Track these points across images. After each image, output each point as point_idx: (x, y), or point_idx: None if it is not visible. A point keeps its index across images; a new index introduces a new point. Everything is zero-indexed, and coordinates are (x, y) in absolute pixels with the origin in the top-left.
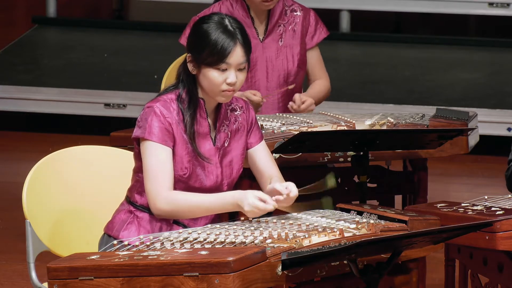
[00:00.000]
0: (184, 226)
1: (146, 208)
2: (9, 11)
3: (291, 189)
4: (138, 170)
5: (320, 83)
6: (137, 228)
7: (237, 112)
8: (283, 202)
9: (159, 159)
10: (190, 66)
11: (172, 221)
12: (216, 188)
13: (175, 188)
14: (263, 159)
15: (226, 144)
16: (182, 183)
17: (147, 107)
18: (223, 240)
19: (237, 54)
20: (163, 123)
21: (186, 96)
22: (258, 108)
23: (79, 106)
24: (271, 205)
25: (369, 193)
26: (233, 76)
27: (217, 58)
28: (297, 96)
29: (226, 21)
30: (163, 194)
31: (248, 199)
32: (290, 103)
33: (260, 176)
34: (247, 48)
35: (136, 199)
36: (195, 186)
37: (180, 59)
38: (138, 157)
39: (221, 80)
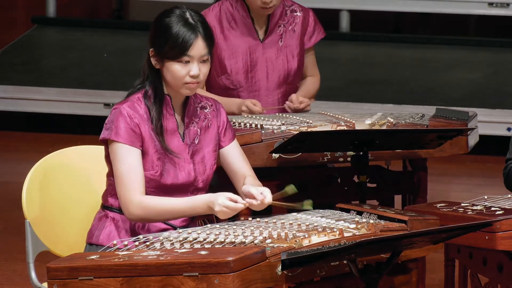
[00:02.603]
0: (163, 221)
1: (121, 210)
2: (9, 11)
3: (266, 195)
4: (110, 174)
5: (312, 79)
6: (116, 229)
7: (207, 109)
8: (256, 206)
9: (129, 163)
10: (153, 61)
11: None
12: (190, 185)
13: (148, 188)
14: (236, 158)
15: (196, 141)
16: (154, 181)
17: (114, 109)
18: (222, 240)
19: (198, 47)
20: (129, 124)
21: (152, 92)
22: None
23: (79, 106)
24: (241, 204)
25: (369, 193)
26: (196, 68)
27: (178, 51)
28: (294, 96)
29: (187, 14)
30: (136, 200)
31: (218, 200)
32: (287, 102)
33: (233, 175)
34: (209, 40)
35: (110, 203)
36: (167, 184)
37: None
38: (108, 160)
39: (184, 73)
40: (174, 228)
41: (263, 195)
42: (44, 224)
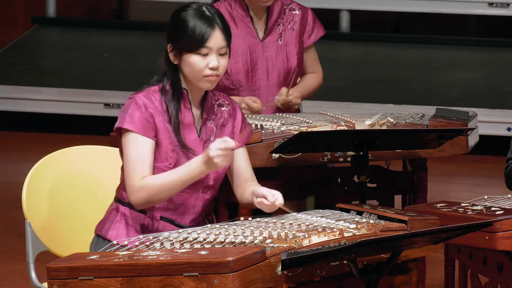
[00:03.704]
0: (171, 221)
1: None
2: (9, 11)
3: (277, 198)
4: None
5: (312, 76)
6: (125, 227)
7: (224, 108)
8: (266, 207)
9: (138, 150)
10: (171, 56)
11: (160, 217)
12: (201, 181)
13: None
14: (243, 161)
15: (212, 138)
16: None
17: (129, 98)
18: (222, 240)
19: (217, 38)
20: (143, 114)
21: (170, 88)
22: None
23: (79, 106)
24: (232, 142)
25: (369, 193)
26: (214, 60)
27: (196, 43)
28: (284, 89)
29: (204, 8)
30: (138, 185)
31: (211, 147)
32: (276, 96)
33: (235, 177)
34: (227, 32)
35: (123, 197)
36: None
37: None
38: (122, 152)
39: (203, 65)
40: (183, 227)
41: (275, 197)
42: (44, 224)
